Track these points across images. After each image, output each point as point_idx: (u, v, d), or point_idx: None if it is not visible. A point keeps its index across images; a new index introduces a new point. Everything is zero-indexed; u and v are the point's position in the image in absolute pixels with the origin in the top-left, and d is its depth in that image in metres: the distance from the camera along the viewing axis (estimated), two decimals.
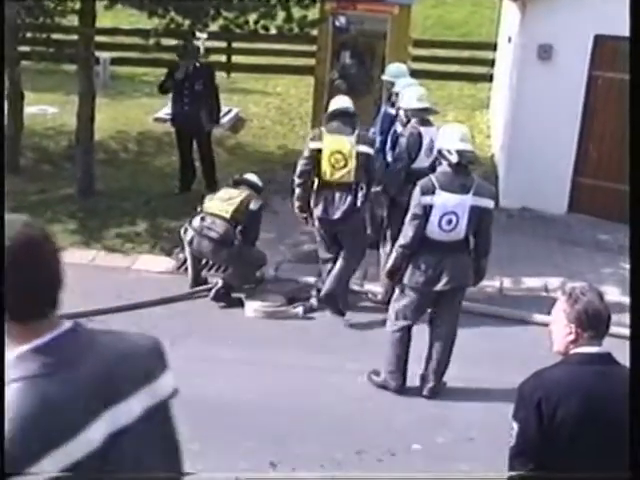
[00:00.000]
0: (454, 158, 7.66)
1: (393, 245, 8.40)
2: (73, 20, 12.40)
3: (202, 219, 9.84)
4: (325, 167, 9.23)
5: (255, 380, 8.12)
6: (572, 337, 4.06)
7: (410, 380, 8.12)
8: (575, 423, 3.92)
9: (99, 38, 14.56)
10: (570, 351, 4.07)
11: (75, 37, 12.74)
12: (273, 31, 11.81)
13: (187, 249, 10.06)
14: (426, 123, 9.55)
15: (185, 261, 10.66)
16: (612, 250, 11.46)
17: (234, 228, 9.75)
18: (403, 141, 9.34)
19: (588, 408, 3.93)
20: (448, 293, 7.83)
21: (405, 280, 7.86)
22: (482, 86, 18.73)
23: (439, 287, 7.74)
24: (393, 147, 9.50)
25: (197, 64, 12.63)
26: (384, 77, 11.03)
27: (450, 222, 7.60)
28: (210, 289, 9.90)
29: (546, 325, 8.94)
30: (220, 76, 14.27)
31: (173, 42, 13.02)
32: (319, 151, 9.24)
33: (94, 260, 10.76)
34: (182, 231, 10.09)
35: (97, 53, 14.06)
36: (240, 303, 9.74)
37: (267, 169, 13.87)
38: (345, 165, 9.19)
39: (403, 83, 10.18)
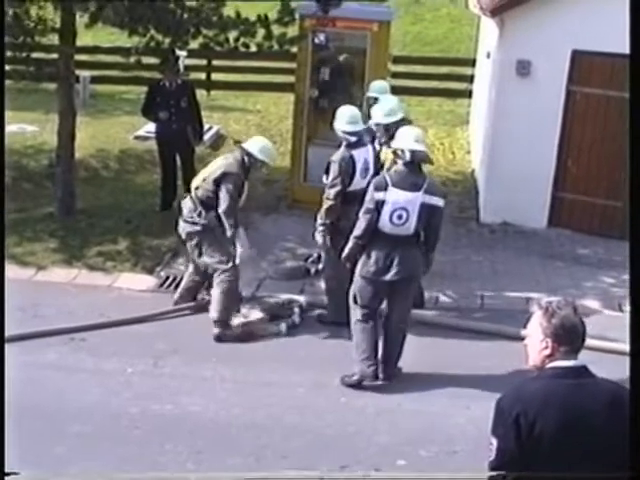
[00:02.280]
0: (407, 157, 8.15)
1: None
2: (53, 39, 12.40)
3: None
4: None
5: (238, 397, 8.14)
6: (548, 351, 4.09)
7: None
8: (553, 436, 3.95)
9: (79, 56, 14.56)
10: (546, 365, 4.10)
11: (55, 56, 12.73)
12: (253, 48, 11.84)
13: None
14: (358, 144, 9.56)
15: (167, 279, 10.69)
16: (592, 264, 11.55)
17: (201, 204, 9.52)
18: (335, 167, 9.38)
19: (565, 421, 3.96)
20: (398, 283, 8.28)
21: (358, 270, 8.38)
22: (461, 102, 18.85)
23: (389, 277, 8.21)
24: (326, 173, 9.53)
25: (179, 81, 12.71)
26: (369, 94, 11.10)
27: (401, 217, 8.11)
28: (191, 307, 9.93)
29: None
30: (200, 94, 14.30)
31: (153, 60, 13.03)
32: None
33: (76, 278, 10.75)
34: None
35: (77, 71, 14.07)
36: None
37: (248, 186, 13.87)
38: None
39: (386, 101, 10.27)
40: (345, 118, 9.63)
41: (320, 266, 10.24)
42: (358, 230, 8.29)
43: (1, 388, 4.69)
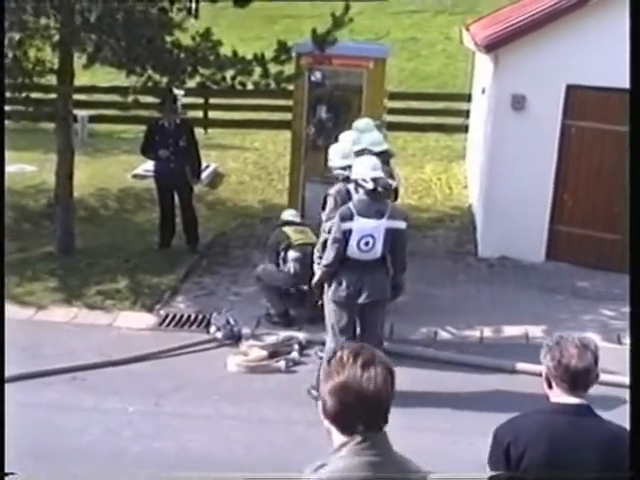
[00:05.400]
0: (370, 185, 8.53)
1: None
2: (52, 79, 12.48)
3: (301, 250, 10.39)
4: None
5: (240, 434, 8.12)
6: (549, 386, 4.13)
7: None
8: (539, 469, 3.99)
9: (77, 96, 14.66)
10: (550, 400, 4.14)
11: (53, 96, 12.82)
12: (250, 87, 11.92)
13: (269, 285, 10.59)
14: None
15: (166, 317, 10.70)
16: (590, 297, 11.56)
17: None
18: (331, 201, 9.47)
19: (553, 456, 3.99)
20: (369, 306, 8.62)
21: (329, 295, 8.69)
22: (458, 137, 18.92)
23: (361, 300, 8.56)
24: (323, 207, 9.65)
25: (178, 120, 12.78)
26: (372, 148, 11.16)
27: (367, 244, 8.48)
28: (197, 343, 9.95)
29: (526, 373, 9.02)
30: (197, 132, 14.34)
31: (151, 99, 13.10)
32: None
33: (75, 318, 10.76)
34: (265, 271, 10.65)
35: (75, 111, 14.14)
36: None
37: (247, 224, 13.96)
38: None
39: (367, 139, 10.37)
40: (338, 154, 9.82)
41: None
42: (327, 259, 8.64)
43: (1, 388, 4.71)
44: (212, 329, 10.28)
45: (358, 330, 8.85)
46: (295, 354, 9.80)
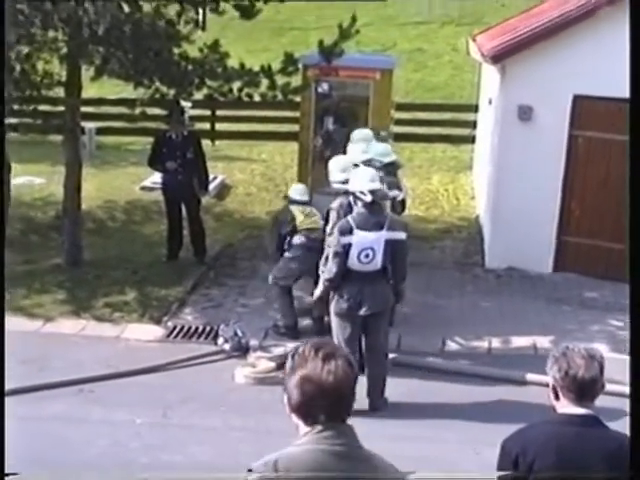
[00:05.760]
0: (368, 198, 8.57)
1: None
2: (59, 92, 12.53)
3: (306, 236, 10.46)
4: None
5: (248, 446, 8.10)
6: (555, 397, 4.14)
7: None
8: None
9: (85, 108, 14.69)
10: (557, 410, 4.14)
11: (61, 108, 12.86)
12: (257, 98, 11.95)
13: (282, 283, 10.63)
14: None
15: (174, 329, 10.72)
16: (598, 307, 11.54)
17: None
18: (334, 215, 9.50)
19: (561, 467, 4.00)
20: (372, 317, 8.70)
21: (332, 308, 8.80)
22: (465, 148, 18.92)
23: (362, 312, 8.63)
24: (326, 221, 9.72)
25: (185, 132, 12.80)
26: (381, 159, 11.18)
27: (368, 256, 8.56)
28: (205, 355, 9.96)
29: (535, 384, 9.01)
30: (204, 144, 14.36)
31: (158, 111, 13.14)
32: None
33: (83, 330, 10.78)
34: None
35: (83, 123, 14.17)
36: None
37: (254, 235, 13.97)
38: None
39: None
40: (337, 167, 9.89)
41: None
42: (329, 273, 8.74)
43: (1, 389, 4.72)
44: (220, 341, 10.29)
45: (363, 341, 8.90)
46: None
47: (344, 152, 10.58)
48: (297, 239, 10.59)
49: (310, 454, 3.25)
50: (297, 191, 11.14)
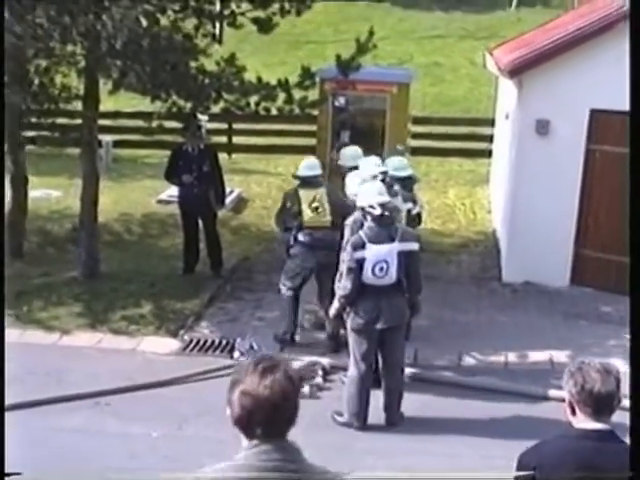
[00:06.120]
0: (377, 211, 8.60)
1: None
2: (77, 105, 12.60)
3: (310, 234, 10.48)
4: None
5: None
6: (572, 412, 4.14)
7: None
8: None
9: (101, 121, 14.75)
10: (574, 425, 4.14)
11: (79, 121, 12.91)
12: (274, 112, 11.99)
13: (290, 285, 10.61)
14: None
15: (190, 342, 10.75)
16: (615, 322, 11.50)
17: (336, 230, 10.15)
18: (348, 231, 9.48)
19: None
20: (388, 331, 8.68)
21: (348, 324, 8.78)
22: (481, 162, 18.92)
23: (379, 326, 8.61)
24: (341, 237, 9.70)
25: (201, 145, 12.83)
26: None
27: (382, 269, 8.55)
28: (221, 369, 9.97)
29: (551, 399, 8.99)
30: (221, 157, 14.40)
31: (175, 124, 13.18)
32: None
33: (100, 343, 10.81)
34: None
35: (100, 136, 14.24)
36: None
37: (270, 249, 13.98)
38: None
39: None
40: (356, 181, 9.84)
41: None
42: (344, 290, 8.71)
43: (1, 389, 4.74)
44: (236, 354, 10.32)
45: (379, 355, 8.90)
46: (319, 379, 9.80)
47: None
48: (302, 236, 10.61)
49: (241, 469, 3.31)
50: (307, 167, 10.89)
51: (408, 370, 9.50)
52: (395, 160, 10.77)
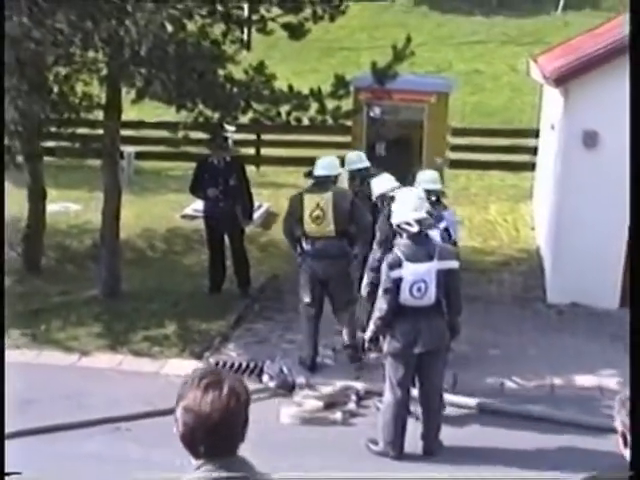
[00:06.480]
0: (415, 228, 8.54)
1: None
2: (98, 114, 12.68)
3: (313, 244, 10.56)
4: None
5: None
6: (624, 444, 4.09)
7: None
8: None
9: (124, 132, 14.83)
10: (627, 458, 4.10)
11: (100, 131, 12.99)
12: (306, 122, 12.01)
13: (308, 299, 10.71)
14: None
15: (216, 365, 10.75)
16: None
17: (342, 239, 10.40)
18: (379, 235, 9.72)
19: None
20: (427, 355, 8.61)
21: (385, 347, 8.73)
22: (524, 175, 18.85)
23: (417, 350, 8.55)
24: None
25: (228, 158, 12.86)
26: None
27: (420, 289, 8.49)
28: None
29: (601, 429, 8.91)
30: (249, 170, 14.42)
31: (202, 135, 13.22)
32: None
33: (121, 365, 10.86)
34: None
35: (121, 147, 14.33)
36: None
37: None
38: None
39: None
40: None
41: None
42: (380, 311, 8.63)
43: (1, 389, 4.77)
44: (265, 378, 10.32)
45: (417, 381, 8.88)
46: (352, 405, 9.79)
47: (397, 179, 10.59)
48: (305, 245, 10.72)
49: None
50: (322, 165, 10.85)
51: (447, 396, 9.46)
52: (426, 173, 10.76)
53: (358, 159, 11.64)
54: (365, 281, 9.85)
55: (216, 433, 3.34)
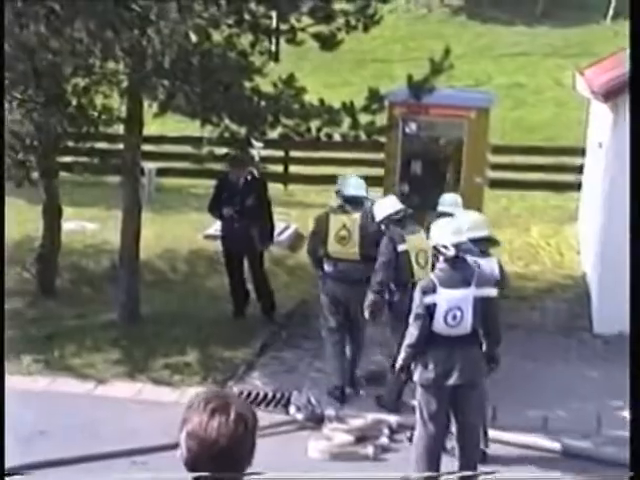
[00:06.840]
0: (452, 252, 8.43)
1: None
2: (118, 128, 12.71)
3: (335, 266, 10.60)
4: None
5: None
6: None
7: None
8: None
9: (144, 147, 14.87)
10: None
11: (120, 146, 13.00)
12: (337, 138, 11.99)
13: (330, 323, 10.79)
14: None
15: (240, 394, 10.72)
16: None
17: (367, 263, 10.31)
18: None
19: None
20: (462, 389, 8.47)
21: (416, 378, 8.60)
22: (570, 196, 18.75)
23: (451, 382, 8.40)
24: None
25: (249, 177, 12.83)
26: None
27: (455, 317, 8.36)
28: (275, 425, 9.94)
29: None
30: (276, 188, 14.40)
31: (225, 151, 13.20)
32: None
33: (140, 394, 10.86)
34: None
35: (142, 163, 14.37)
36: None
37: None
38: None
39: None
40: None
41: None
42: (410, 338, 8.52)
43: (1, 389, 4.79)
44: (292, 409, 10.29)
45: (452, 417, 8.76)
46: (385, 439, 9.75)
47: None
48: (326, 266, 10.77)
49: None
50: (355, 184, 10.99)
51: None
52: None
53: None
54: (366, 303, 9.95)
55: (220, 460, 3.34)
